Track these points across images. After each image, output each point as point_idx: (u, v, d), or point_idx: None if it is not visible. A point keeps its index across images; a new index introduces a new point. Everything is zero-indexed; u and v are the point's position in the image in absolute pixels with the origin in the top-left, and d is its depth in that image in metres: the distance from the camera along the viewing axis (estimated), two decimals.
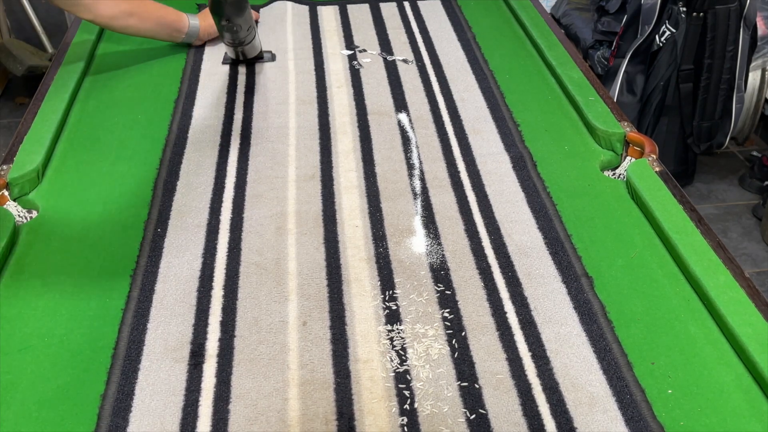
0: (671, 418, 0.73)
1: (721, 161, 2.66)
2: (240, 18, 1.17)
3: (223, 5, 1.11)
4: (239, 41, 1.25)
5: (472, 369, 0.79)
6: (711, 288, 0.85)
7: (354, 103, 1.29)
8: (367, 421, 0.73)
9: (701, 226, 0.95)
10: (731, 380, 0.77)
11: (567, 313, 0.85)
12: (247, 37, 1.26)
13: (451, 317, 0.85)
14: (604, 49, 2.57)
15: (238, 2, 1.13)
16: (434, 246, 0.96)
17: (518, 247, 0.96)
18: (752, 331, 0.79)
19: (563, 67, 1.34)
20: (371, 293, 0.88)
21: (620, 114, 1.20)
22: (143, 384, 0.77)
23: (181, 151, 1.15)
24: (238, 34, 1.21)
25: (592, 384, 0.77)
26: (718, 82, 2.26)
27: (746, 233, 2.33)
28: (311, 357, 0.80)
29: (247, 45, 1.28)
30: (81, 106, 1.26)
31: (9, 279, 0.90)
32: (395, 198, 1.05)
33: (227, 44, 1.31)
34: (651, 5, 2.23)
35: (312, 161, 1.13)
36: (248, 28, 1.23)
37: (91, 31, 1.47)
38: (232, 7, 1.14)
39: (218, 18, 1.15)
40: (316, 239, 0.97)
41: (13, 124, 2.76)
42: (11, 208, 1.02)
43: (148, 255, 0.94)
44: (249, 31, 1.24)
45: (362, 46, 1.49)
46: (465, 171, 1.11)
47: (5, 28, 2.89)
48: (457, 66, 1.41)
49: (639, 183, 1.03)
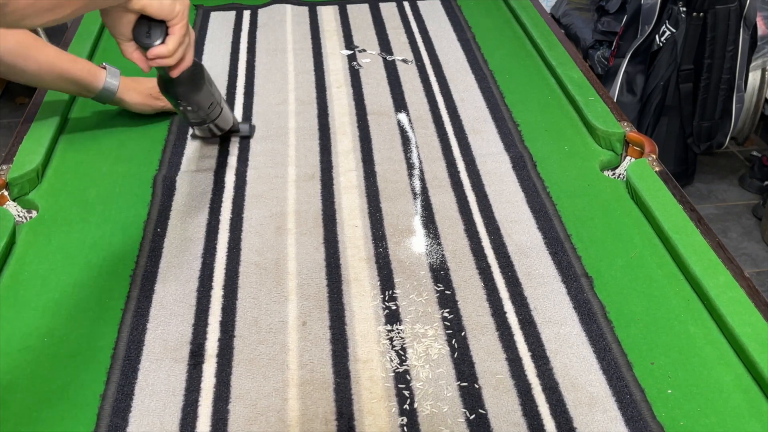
0: (671, 418, 0.73)
1: (721, 161, 2.66)
2: (198, 95, 0.95)
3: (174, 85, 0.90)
4: (202, 120, 1.03)
5: (472, 369, 0.79)
6: (711, 288, 0.85)
7: (354, 103, 1.29)
8: (367, 421, 0.73)
9: (701, 226, 0.95)
10: (731, 380, 0.77)
11: (567, 313, 0.85)
12: (211, 113, 1.02)
13: (450, 317, 0.85)
14: (604, 49, 2.57)
15: (191, 78, 0.91)
16: (434, 246, 0.96)
17: (518, 247, 0.96)
18: (752, 331, 0.79)
19: (563, 67, 1.34)
20: (371, 293, 0.88)
21: (620, 114, 1.20)
22: (143, 384, 0.77)
23: (181, 151, 1.15)
24: (198, 113, 0.99)
25: (592, 384, 0.77)
26: (718, 82, 2.26)
27: (746, 233, 2.33)
28: (311, 357, 0.80)
29: (214, 121, 1.05)
30: (80, 107, 1.26)
31: (9, 279, 0.90)
32: (395, 198, 1.05)
33: (190, 125, 1.11)
34: (651, 5, 2.23)
35: (312, 161, 1.13)
36: (210, 105, 0.99)
37: (91, 32, 1.47)
38: (185, 86, 0.92)
39: (171, 99, 0.94)
40: (316, 239, 0.97)
41: (13, 124, 2.76)
42: (11, 208, 1.02)
43: (147, 255, 0.94)
44: (212, 108, 1.01)
45: (362, 46, 1.49)
46: (465, 171, 1.11)
47: None
48: (456, 66, 1.41)
49: (639, 183, 1.03)
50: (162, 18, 0.77)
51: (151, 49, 0.79)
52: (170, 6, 0.77)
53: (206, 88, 0.96)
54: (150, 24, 0.78)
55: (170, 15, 0.78)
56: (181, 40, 0.80)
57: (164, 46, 0.79)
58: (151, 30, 0.79)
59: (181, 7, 0.79)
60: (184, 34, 0.80)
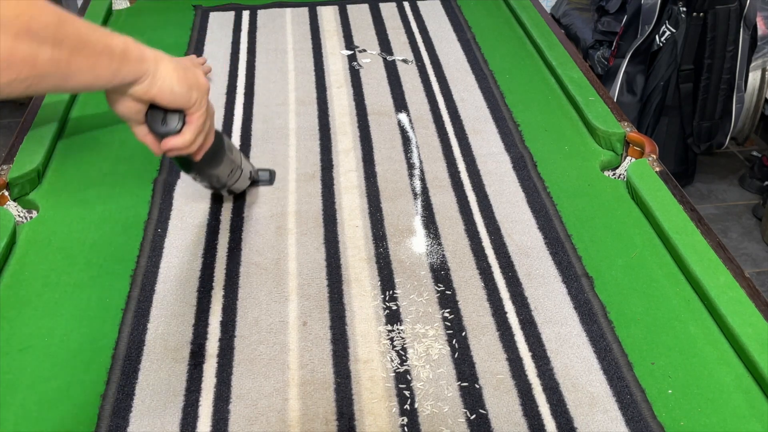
0: (671, 418, 0.73)
1: (721, 161, 2.66)
2: (217, 169, 0.87)
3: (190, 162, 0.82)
4: (220, 187, 0.96)
5: (473, 369, 0.79)
6: (711, 288, 0.85)
7: (354, 103, 1.29)
8: (368, 422, 0.73)
9: (701, 226, 0.95)
10: (731, 380, 0.77)
11: (567, 313, 0.85)
12: (230, 180, 0.94)
13: (451, 317, 0.85)
14: (604, 49, 2.57)
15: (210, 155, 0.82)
16: (434, 246, 0.96)
17: (518, 247, 0.96)
18: (752, 331, 0.79)
19: (563, 67, 1.34)
20: (371, 293, 0.88)
21: (620, 114, 1.20)
22: (143, 384, 0.77)
23: None
24: (216, 184, 0.93)
25: (593, 384, 0.77)
26: (718, 82, 2.27)
27: (746, 233, 2.33)
28: (311, 357, 0.80)
29: (232, 186, 0.98)
30: (81, 106, 1.26)
31: (9, 279, 0.90)
32: (395, 198, 1.05)
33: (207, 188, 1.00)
34: (651, 5, 2.23)
35: (312, 161, 1.13)
36: (230, 173, 0.91)
37: None
38: (203, 163, 0.83)
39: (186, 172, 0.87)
40: (317, 239, 0.97)
41: (13, 124, 2.76)
42: (11, 208, 1.01)
43: (148, 255, 0.94)
44: (231, 175, 0.92)
45: (362, 46, 1.49)
46: (465, 171, 1.11)
47: None
48: (456, 66, 1.41)
49: (639, 183, 1.03)
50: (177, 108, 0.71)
51: (165, 140, 0.71)
52: (185, 95, 0.70)
53: (227, 159, 0.88)
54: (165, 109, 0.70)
55: (186, 105, 0.71)
56: (199, 129, 0.73)
57: (181, 136, 0.72)
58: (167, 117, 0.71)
59: (198, 95, 0.72)
60: (203, 122, 0.73)
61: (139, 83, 0.68)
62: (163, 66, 0.69)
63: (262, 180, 1.06)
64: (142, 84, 0.68)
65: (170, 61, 0.71)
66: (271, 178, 1.07)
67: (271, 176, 1.07)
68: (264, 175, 1.06)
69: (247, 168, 0.98)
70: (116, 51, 0.65)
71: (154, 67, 0.68)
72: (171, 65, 0.70)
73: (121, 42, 0.66)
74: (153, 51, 0.70)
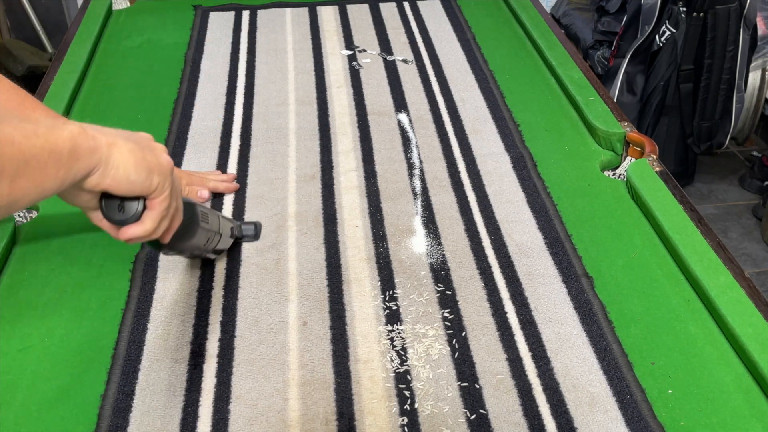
0: (671, 418, 0.73)
1: (721, 161, 2.66)
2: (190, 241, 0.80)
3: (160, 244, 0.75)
4: (197, 256, 0.89)
5: (473, 369, 0.79)
6: (711, 288, 0.85)
7: (354, 103, 1.29)
8: (368, 422, 0.73)
9: (701, 226, 0.95)
10: (731, 380, 0.77)
11: (567, 313, 0.85)
12: (207, 247, 0.86)
13: (451, 317, 0.85)
14: (604, 49, 2.57)
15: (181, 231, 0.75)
16: (434, 246, 0.96)
17: (518, 247, 0.96)
18: (752, 331, 0.79)
19: (563, 67, 1.34)
20: (371, 293, 0.88)
21: (620, 114, 1.20)
22: (143, 384, 0.77)
23: (181, 152, 1.15)
24: (194, 253, 0.86)
25: (593, 384, 0.77)
26: (718, 82, 2.27)
27: (746, 233, 2.33)
28: (311, 357, 0.80)
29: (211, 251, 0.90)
30: (81, 106, 1.26)
31: (9, 279, 0.90)
32: (395, 198, 1.05)
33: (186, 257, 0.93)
34: (651, 5, 2.23)
35: (312, 161, 1.13)
36: (206, 242, 0.84)
37: (92, 32, 1.47)
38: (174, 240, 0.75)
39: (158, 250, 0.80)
40: (317, 239, 0.97)
41: None
42: None
43: (148, 255, 0.94)
44: (209, 243, 0.85)
45: (362, 46, 1.49)
46: (465, 171, 1.11)
47: (5, 28, 2.89)
48: (456, 66, 1.41)
49: (639, 183, 1.03)
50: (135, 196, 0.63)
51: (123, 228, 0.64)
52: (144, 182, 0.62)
53: (201, 230, 0.80)
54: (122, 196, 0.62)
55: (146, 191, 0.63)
56: (162, 214, 0.66)
57: (141, 225, 0.64)
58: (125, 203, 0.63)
59: (159, 179, 0.64)
60: (166, 207, 0.66)
61: (90, 175, 0.60)
62: (117, 151, 0.61)
63: (246, 236, 0.96)
64: (94, 176, 0.60)
65: (125, 143, 0.63)
66: (257, 233, 0.97)
67: (256, 230, 0.97)
68: (248, 230, 0.96)
69: (227, 228, 0.90)
70: (64, 153, 0.57)
71: (106, 154, 0.60)
72: (126, 149, 0.62)
73: (69, 137, 0.57)
74: (106, 134, 0.62)
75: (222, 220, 0.88)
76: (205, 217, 0.82)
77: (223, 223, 0.88)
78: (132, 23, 1.57)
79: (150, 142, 0.67)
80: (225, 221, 0.89)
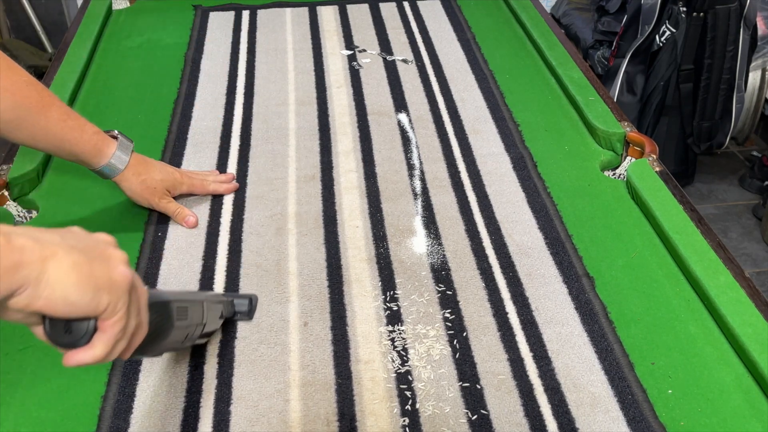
0: (671, 418, 0.73)
1: (721, 161, 2.66)
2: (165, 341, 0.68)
3: None
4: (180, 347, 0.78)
5: (474, 369, 0.79)
6: (711, 288, 0.85)
7: (354, 103, 1.29)
8: (369, 422, 0.73)
9: (701, 226, 0.95)
10: (731, 380, 0.77)
11: (568, 314, 0.85)
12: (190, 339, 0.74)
13: (452, 318, 0.85)
14: (604, 49, 2.57)
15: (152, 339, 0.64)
16: (435, 246, 0.96)
17: (519, 248, 0.96)
18: (752, 331, 0.79)
19: (563, 67, 1.34)
20: (372, 294, 0.88)
21: (620, 114, 1.20)
22: (144, 385, 0.77)
23: (181, 152, 1.15)
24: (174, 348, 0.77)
25: (594, 384, 0.77)
26: (718, 82, 2.27)
27: (746, 233, 2.33)
28: (312, 358, 0.80)
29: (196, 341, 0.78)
30: (81, 106, 1.26)
31: None
32: (396, 198, 1.05)
33: None
34: (651, 5, 2.23)
35: (312, 162, 1.13)
36: (185, 338, 0.72)
37: (92, 32, 1.47)
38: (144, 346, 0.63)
39: None
40: (317, 240, 0.97)
41: None
42: (11, 208, 1.01)
43: (148, 257, 0.94)
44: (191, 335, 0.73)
45: (362, 46, 1.49)
46: (465, 171, 1.11)
47: (5, 28, 2.89)
48: (456, 66, 1.41)
49: (639, 183, 1.03)
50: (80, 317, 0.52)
51: (69, 353, 0.53)
52: (89, 302, 0.51)
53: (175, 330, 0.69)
54: None
55: (92, 312, 0.52)
56: (116, 337, 0.54)
57: (90, 349, 0.53)
58: (72, 323, 0.52)
59: (110, 299, 0.52)
60: (122, 328, 0.55)
61: (14, 296, 0.49)
62: (54, 267, 0.50)
63: (239, 313, 0.84)
64: (20, 296, 0.49)
65: (67, 255, 0.51)
66: (251, 309, 0.84)
67: (251, 305, 0.84)
68: (242, 306, 0.83)
69: (215, 312, 0.78)
70: None
71: (38, 271, 0.49)
72: (68, 263, 0.51)
73: None
74: (44, 244, 0.50)
75: (207, 306, 0.76)
76: (183, 312, 0.70)
77: (209, 309, 0.77)
78: (132, 23, 1.57)
79: (107, 249, 0.56)
80: (212, 305, 0.78)
